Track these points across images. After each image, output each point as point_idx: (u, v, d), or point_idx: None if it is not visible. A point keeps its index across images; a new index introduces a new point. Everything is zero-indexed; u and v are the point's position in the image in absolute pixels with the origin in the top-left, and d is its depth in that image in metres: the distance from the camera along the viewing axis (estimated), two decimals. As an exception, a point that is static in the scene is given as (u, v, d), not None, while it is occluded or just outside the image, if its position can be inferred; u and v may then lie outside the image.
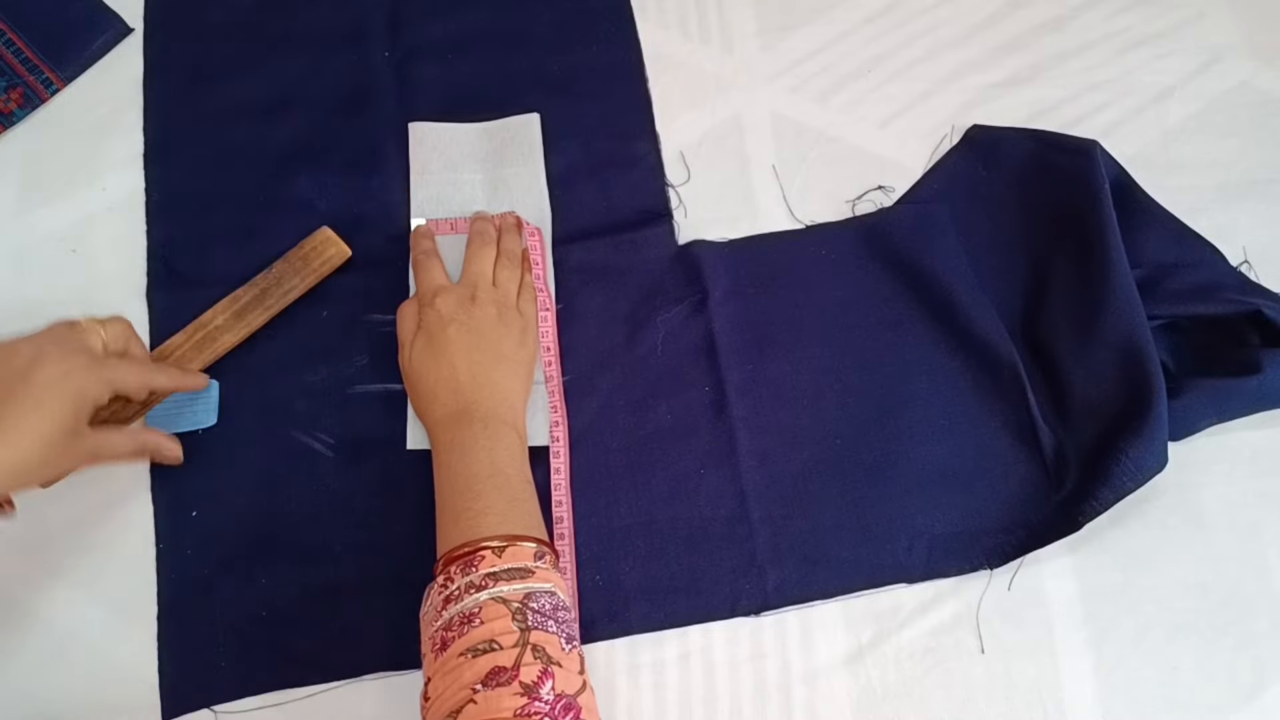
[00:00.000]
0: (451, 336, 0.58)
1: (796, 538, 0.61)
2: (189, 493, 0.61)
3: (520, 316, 0.61)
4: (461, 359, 0.58)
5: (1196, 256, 0.66)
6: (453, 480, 0.54)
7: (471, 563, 0.49)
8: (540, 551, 0.51)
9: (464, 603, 0.48)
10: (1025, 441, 0.63)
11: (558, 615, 0.49)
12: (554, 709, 0.45)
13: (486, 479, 0.54)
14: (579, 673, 0.48)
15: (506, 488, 0.54)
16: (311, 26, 0.74)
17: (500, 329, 0.60)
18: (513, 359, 0.60)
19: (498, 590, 0.48)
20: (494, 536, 0.50)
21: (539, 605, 0.48)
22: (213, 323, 0.64)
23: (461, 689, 0.45)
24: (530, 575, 0.49)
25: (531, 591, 0.49)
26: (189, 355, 0.63)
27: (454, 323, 0.59)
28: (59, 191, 0.69)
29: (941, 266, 0.66)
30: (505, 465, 0.55)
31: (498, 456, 0.55)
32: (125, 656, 0.58)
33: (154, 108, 0.71)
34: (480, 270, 0.62)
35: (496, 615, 0.47)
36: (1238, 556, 0.61)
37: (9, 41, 0.72)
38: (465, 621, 0.47)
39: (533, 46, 0.73)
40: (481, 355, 0.58)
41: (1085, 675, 0.59)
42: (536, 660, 0.46)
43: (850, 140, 0.72)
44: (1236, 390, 0.61)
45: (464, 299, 0.60)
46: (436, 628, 0.48)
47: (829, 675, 0.59)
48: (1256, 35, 0.75)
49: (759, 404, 0.64)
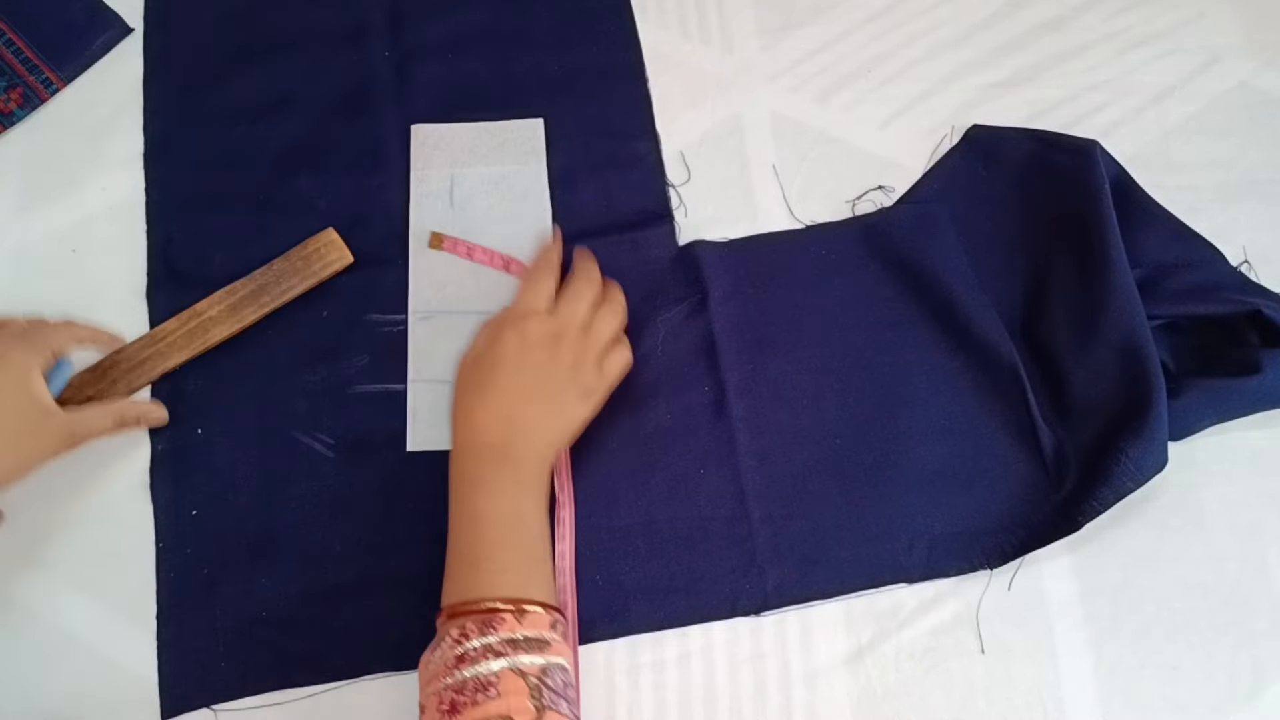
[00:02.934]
0: (521, 368, 0.56)
1: (796, 538, 0.61)
2: (189, 493, 0.61)
3: (598, 375, 0.59)
4: (518, 394, 0.56)
5: (1196, 256, 0.66)
6: (474, 522, 0.53)
7: (490, 624, 0.48)
8: (554, 620, 0.50)
9: (479, 667, 0.46)
10: (1025, 441, 0.63)
11: (567, 694, 0.48)
12: None
13: (511, 530, 0.53)
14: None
15: (529, 545, 0.53)
16: (312, 26, 0.74)
17: (570, 382, 0.58)
18: (567, 415, 0.58)
19: (517, 660, 0.47)
20: (514, 599, 0.49)
21: (554, 683, 0.47)
22: (207, 313, 0.64)
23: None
24: (547, 647, 0.48)
25: (548, 666, 0.48)
26: (179, 343, 0.63)
27: (530, 355, 0.57)
28: (59, 191, 0.69)
29: (941, 266, 0.66)
30: (530, 520, 0.54)
31: (524, 508, 0.54)
32: (125, 656, 0.58)
33: (154, 108, 0.71)
34: (574, 311, 0.59)
35: (514, 690, 0.46)
36: (1238, 556, 0.61)
37: (9, 41, 0.72)
38: (480, 689, 0.46)
39: (533, 46, 0.73)
40: (540, 401, 0.56)
41: (1085, 675, 0.59)
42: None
43: (850, 140, 0.72)
44: (1236, 390, 0.61)
45: (549, 336, 0.58)
46: (447, 685, 0.47)
47: (829, 675, 0.59)
48: (1256, 35, 0.75)
49: (759, 404, 0.64)
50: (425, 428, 0.63)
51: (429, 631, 0.59)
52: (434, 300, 0.66)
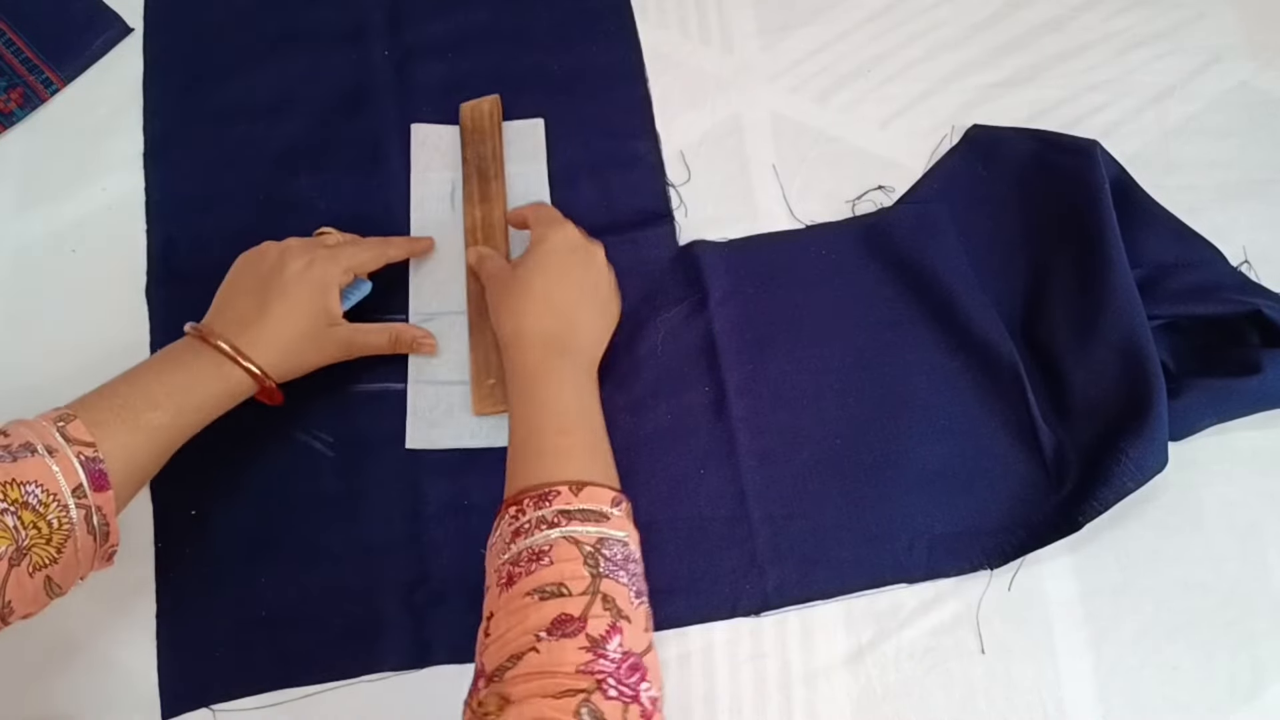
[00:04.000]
0: (567, 267, 0.59)
1: (796, 538, 0.61)
2: (189, 493, 0.61)
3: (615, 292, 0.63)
4: (568, 289, 0.59)
5: (1196, 256, 0.66)
6: (540, 412, 0.53)
7: (546, 498, 0.48)
8: (617, 499, 0.50)
9: (534, 538, 0.46)
10: (1025, 441, 0.63)
11: (628, 567, 0.47)
12: (620, 668, 0.42)
13: (571, 419, 0.53)
14: (645, 630, 0.46)
15: (589, 433, 0.54)
16: (311, 26, 0.74)
17: (609, 282, 0.62)
18: (607, 316, 0.61)
19: (570, 530, 0.47)
20: (573, 480, 0.49)
21: (611, 554, 0.46)
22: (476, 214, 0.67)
23: (525, 633, 0.43)
24: (605, 520, 0.48)
25: (605, 537, 0.47)
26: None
27: (574, 256, 0.60)
28: (59, 191, 0.69)
29: (941, 266, 0.66)
30: (591, 410, 0.55)
31: (585, 399, 0.55)
32: (125, 656, 0.58)
33: (154, 108, 0.71)
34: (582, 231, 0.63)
35: (568, 556, 0.45)
36: (1238, 556, 0.61)
37: (9, 41, 0.72)
38: (534, 559, 0.46)
39: (533, 46, 0.73)
40: (587, 299, 0.60)
41: (1085, 675, 0.59)
42: (606, 612, 0.44)
43: (850, 140, 0.72)
44: (1236, 390, 0.61)
45: (581, 244, 0.61)
46: (504, 561, 0.47)
47: (829, 675, 0.59)
48: (1256, 35, 0.75)
49: (759, 404, 0.64)
50: (425, 427, 0.63)
51: (429, 631, 0.59)
52: (434, 300, 0.66)
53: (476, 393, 0.63)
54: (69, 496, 0.47)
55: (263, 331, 0.56)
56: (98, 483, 0.48)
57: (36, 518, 0.46)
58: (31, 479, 0.46)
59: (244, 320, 0.56)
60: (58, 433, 0.48)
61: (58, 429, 0.48)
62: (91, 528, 0.48)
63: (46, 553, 0.46)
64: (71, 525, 0.47)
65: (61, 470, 0.47)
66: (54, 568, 0.47)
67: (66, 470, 0.47)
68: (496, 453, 0.63)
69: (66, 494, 0.47)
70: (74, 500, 0.47)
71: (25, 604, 0.46)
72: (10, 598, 0.45)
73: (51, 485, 0.46)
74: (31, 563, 0.46)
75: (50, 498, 0.46)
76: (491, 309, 0.61)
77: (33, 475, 0.46)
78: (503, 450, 0.62)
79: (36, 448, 0.47)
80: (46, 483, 0.46)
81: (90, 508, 0.48)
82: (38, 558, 0.46)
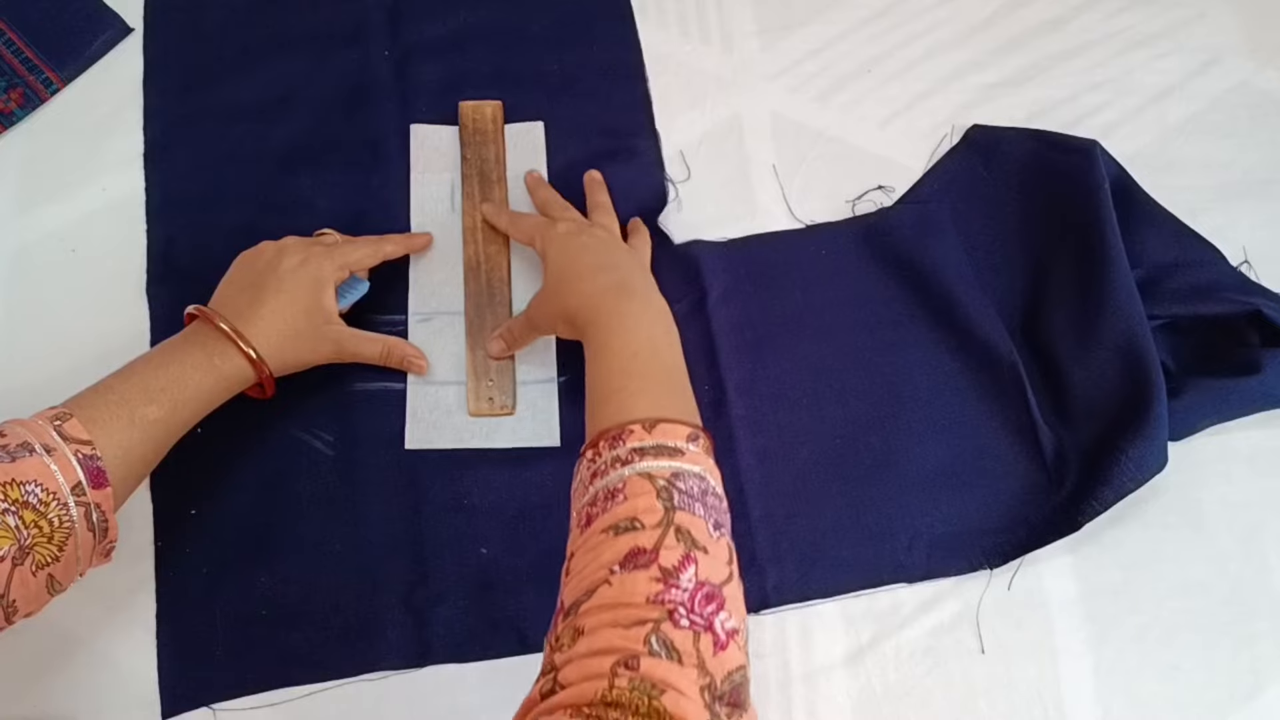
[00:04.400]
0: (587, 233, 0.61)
1: (796, 537, 0.61)
2: (189, 493, 0.61)
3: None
4: (607, 250, 0.61)
5: (1196, 256, 0.66)
6: (609, 360, 0.53)
7: (620, 437, 0.48)
8: (694, 434, 0.49)
9: (609, 478, 0.46)
10: (1025, 441, 0.63)
11: (706, 500, 0.46)
12: (693, 598, 0.41)
13: (642, 359, 0.53)
14: (727, 563, 0.44)
15: (662, 371, 0.53)
16: (311, 26, 0.74)
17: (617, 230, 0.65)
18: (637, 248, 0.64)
19: (644, 466, 0.46)
20: (646, 418, 0.49)
21: (686, 486, 0.46)
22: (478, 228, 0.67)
23: (600, 568, 0.43)
24: (679, 455, 0.47)
25: (679, 471, 0.46)
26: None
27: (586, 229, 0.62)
28: (59, 191, 0.69)
29: (941, 266, 0.66)
30: (663, 347, 0.55)
31: (656, 335, 0.55)
32: (125, 656, 0.58)
33: (154, 108, 0.71)
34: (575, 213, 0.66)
35: (641, 491, 0.45)
36: (1238, 556, 0.61)
37: (9, 41, 0.72)
38: (609, 497, 0.45)
39: (533, 46, 0.73)
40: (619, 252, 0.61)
41: (1085, 675, 0.59)
42: (679, 543, 0.43)
43: (850, 140, 0.72)
44: (1236, 390, 0.61)
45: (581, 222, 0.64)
46: (583, 503, 0.47)
47: (829, 675, 0.59)
48: (1256, 35, 0.75)
49: (758, 403, 0.64)
50: (425, 427, 0.63)
51: (429, 631, 0.59)
52: (433, 300, 0.66)
53: (473, 393, 0.63)
54: (68, 495, 0.47)
55: (258, 324, 0.57)
56: (96, 480, 0.48)
57: (38, 517, 0.46)
58: (31, 478, 0.46)
59: (239, 313, 0.57)
60: (55, 431, 0.48)
61: (54, 428, 0.48)
62: (91, 525, 0.48)
63: (49, 551, 0.46)
64: (72, 523, 0.47)
65: (60, 469, 0.47)
66: (56, 566, 0.47)
67: (65, 469, 0.47)
68: (496, 453, 0.63)
69: (66, 492, 0.47)
70: (73, 498, 0.47)
71: (28, 602, 0.47)
72: (15, 597, 0.45)
73: (51, 484, 0.46)
74: (34, 561, 0.46)
75: (50, 496, 0.46)
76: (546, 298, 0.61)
77: (32, 475, 0.46)
78: (502, 451, 0.63)
79: (34, 447, 0.47)
80: (46, 482, 0.46)
81: (89, 505, 0.48)
82: (40, 556, 0.46)
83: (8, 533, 0.44)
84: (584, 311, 0.57)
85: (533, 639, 0.59)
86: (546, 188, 0.68)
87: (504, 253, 0.67)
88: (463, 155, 0.69)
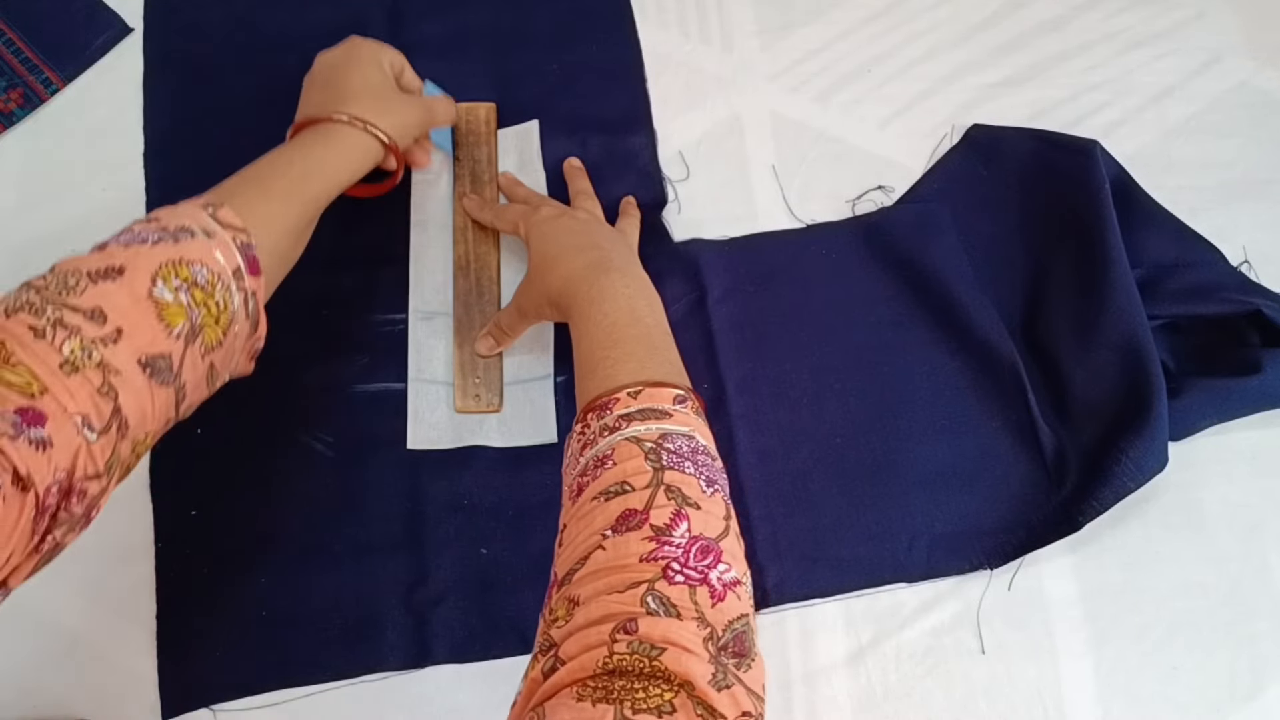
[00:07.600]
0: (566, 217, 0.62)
1: (796, 536, 0.61)
2: (189, 493, 0.61)
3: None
4: (588, 231, 0.61)
5: (1196, 256, 0.66)
6: (591, 333, 0.53)
7: (606, 406, 0.48)
8: (680, 396, 0.49)
9: (598, 446, 0.46)
10: (1025, 441, 0.63)
11: (696, 459, 0.46)
12: (687, 553, 0.41)
13: (625, 328, 0.53)
14: (724, 518, 0.44)
15: (645, 337, 0.53)
16: (311, 25, 0.74)
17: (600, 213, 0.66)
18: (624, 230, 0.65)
19: (631, 431, 0.46)
20: (631, 383, 0.49)
21: (675, 446, 0.46)
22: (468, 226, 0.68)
23: (592, 534, 0.43)
24: (667, 417, 0.47)
25: (667, 433, 0.46)
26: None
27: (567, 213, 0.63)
28: (59, 191, 0.69)
29: (941, 266, 0.66)
30: (644, 314, 0.55)
31: (637, 305, 0.55)
32: (125, 656, 0.58)
33: (154, 108, 0.71)
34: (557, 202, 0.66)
35: (629, 455, 0.45)
36: (1238, 556, 0.61)
37: (9, 41, 0.72)
38: (598, 465, 0.45)
39: (532, 46, 0.73)
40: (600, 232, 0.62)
41: (1085, 675, 0.59)
42: (670, 501, 0.43)
43: (850, 140, 0.72)
44: (1236, 390, 0.61)
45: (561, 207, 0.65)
46: (574, 475, 0.47)
47: (829, 675, 0.59)
48: (1256, 35, 0.75)
49: (758, 402, 0.64)
50: (425, 427, 0.63)
51: (429, 631, 0.59)
52: (434, 300, 0.66)
53: (460, 390, 0.63)
54: (230, 278, 0.46)
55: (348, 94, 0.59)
56: (252, 267, 0.48)
57: (205, 297, 0.45)
58: (196, 258, 0.45)
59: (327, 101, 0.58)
60: (211, 218, 0.47)
61: (210, 213, 0.47)
62: (248, 313, 0.48)
63: (215, 334, 0.45)
64: (234, 308, 0.46)
65: (221, 253, 0.46)
66: (218, 353, 0.46)
67: (226, 253, 0.46)
68: (497, 453, 0.63)
69: (229, 275, 0.46)
70: (234, 283, 0.46)
71: (195, 388, 0.46)
72: (185, 380, 0.44)
73: (214, 266, 0.45)
74: (203, 343, 0.45)
75: (215, 278, 0.45)
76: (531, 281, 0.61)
77: (196, 255, 0.45)
78: (502, 450, 0.63)
79: (195, 231, 0.46)
80: (210, 264, 0.45)
81: (247, 292, 0.47)
82: (207, 339, 0.45)
83: (180, 310, 0.44)
84: (566, 292, 0.57)
85: (533, 639, 0.58)
86: (522, 184, 0.69)
87: (494, 252, 0.67)
88: (455, 156, 0.69)
